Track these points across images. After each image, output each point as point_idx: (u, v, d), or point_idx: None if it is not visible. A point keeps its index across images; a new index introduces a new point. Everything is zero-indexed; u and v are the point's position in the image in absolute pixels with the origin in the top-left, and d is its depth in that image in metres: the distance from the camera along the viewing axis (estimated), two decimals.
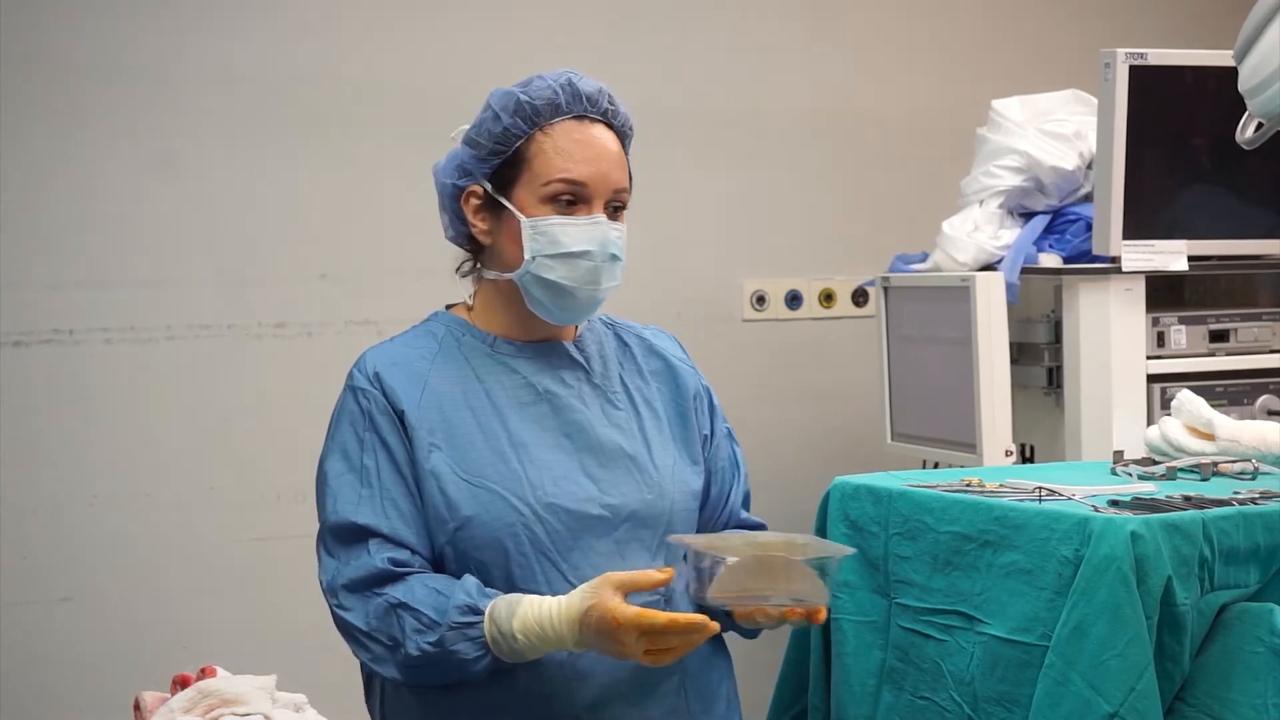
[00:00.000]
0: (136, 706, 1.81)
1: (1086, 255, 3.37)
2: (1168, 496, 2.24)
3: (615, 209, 2.20)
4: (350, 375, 2.23)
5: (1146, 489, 2.33)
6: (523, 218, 2.17)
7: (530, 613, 2.05)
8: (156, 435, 3.70)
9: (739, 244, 4.20)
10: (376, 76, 3.85)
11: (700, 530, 2.30)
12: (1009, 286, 3.30)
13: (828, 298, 4.27)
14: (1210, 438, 2.56)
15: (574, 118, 2.19)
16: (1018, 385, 3.34)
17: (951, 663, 2.26)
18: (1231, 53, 2.12)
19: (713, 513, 2.33)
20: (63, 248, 3.64)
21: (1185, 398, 2.64)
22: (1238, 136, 2.20)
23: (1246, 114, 2.16)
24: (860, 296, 4.27)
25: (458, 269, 2.31)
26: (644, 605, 2.04)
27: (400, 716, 2.21)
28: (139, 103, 3.68)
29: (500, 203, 2.19)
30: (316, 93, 3.80)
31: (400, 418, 2.16)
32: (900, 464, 3.30)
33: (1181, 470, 2.49)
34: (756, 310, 4.20)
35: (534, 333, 2.25)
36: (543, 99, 2.17)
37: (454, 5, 3.93)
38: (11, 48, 3.57)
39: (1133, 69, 3.21)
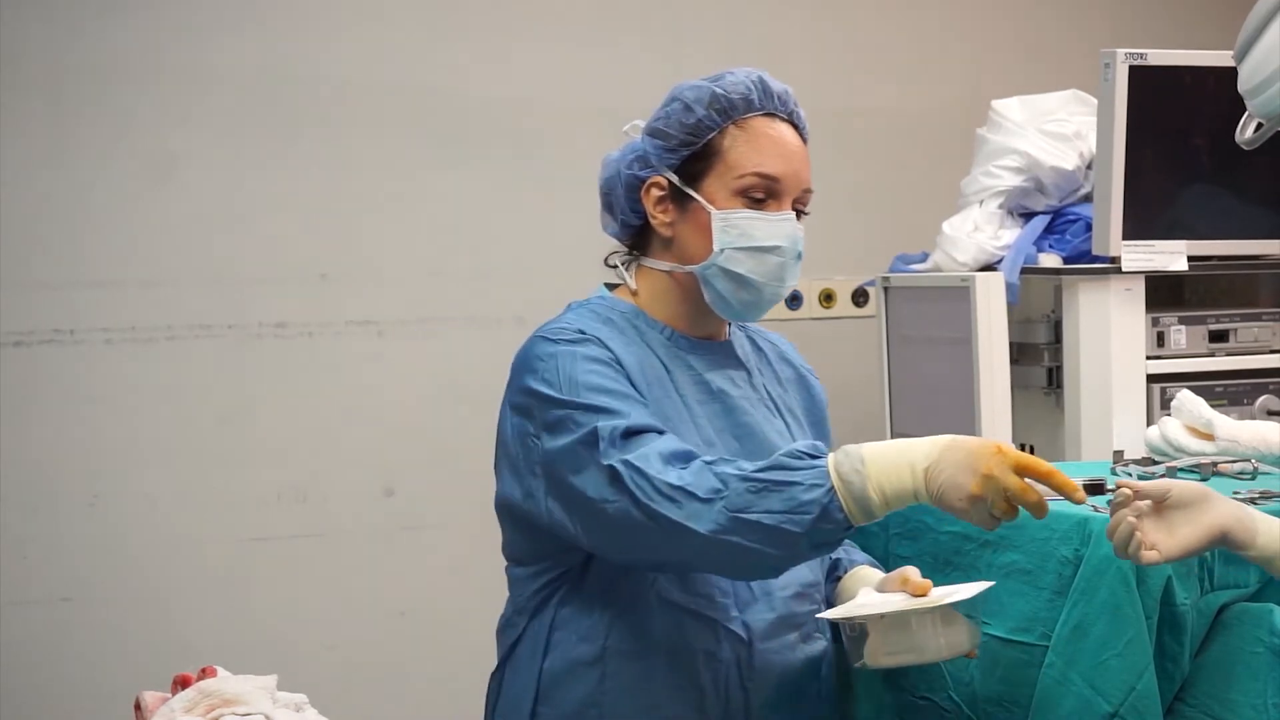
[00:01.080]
0: (137, 706, 1.81)
1: (1086, 255, 3.37)
2: None
3: (799, 210, 2.20)
4: (548, 332, 2.13)
5: None
6: (713, 210, 2.16)
7: (876, 444, 1.97)
8: (156, 435, 3.70)
9: None
10: (378, 77, 3.85)
11: None
12: (1009, 286, 3.31)
13: (828, 298, 4.27)
14: (1210, 438, 2.56)
15: (765, 114, 2.19)
16: (1018, 385, 3.34)
17: (951, 662, 2.26)
18: (1231, 53, 2.12)
19: None
20: (63, 248, 3.64)
21: (1185, 398, 2.64)
22: (1237, 137, 2.19)
23: (1246, 114, 2.16)
24: (860, 296, 4.27)
25: (607, 259, 2.27)
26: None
27: (566, 693, 2.14)
28: (140, 103, 3.68)
29: (687, 194, 2.18)
30: (317, 93, 3.81)
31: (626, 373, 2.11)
32: None
33: (1181, 470, 2.49)
34: None
35: (700, 329, 2.23)
36: (737, 93, 2.18)
37: (456, 5, 3.93)
38: (12, 48, 3.57)
39: (1133, 69, 3.21)
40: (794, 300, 4.24)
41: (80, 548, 3.64)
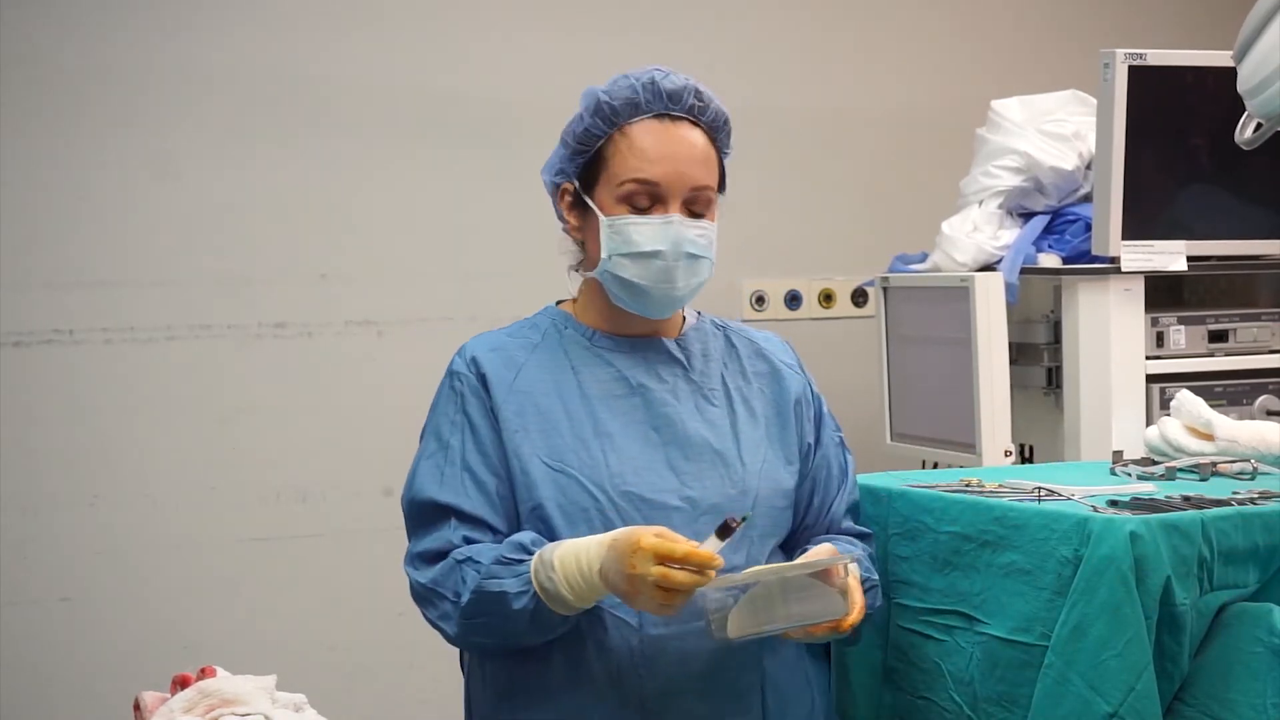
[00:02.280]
0: (136, 706, 1.81)
1: (1086, 255, 3.37)
2: (1167, 497, 2.24)
3: (693, 211, 2.21)
4: (451, 360, 2.27)
5: (1146, 489, 2.33)
6: (602, 216, 2.19)
7: (571, 544, 2.08)
8: (156, 435, 3.70)
9: (739, 244, 4.19)
10: (379, 77, 3.85)
11: (800, 538, 2.30)
12: (1008, 287, 3.31)
13: (827, 298, 4.27)
14: (1209, 438, 2.56)
15: (654, 116, 2.20)
16: (1017, 385, 3.34)
17: (951, 663, 2.26)
18: (1231, 53, 2.12)
19: (815, 520, 2.32)
20: (63, 248, 3.64)
21: (1184, 398, 2.64)
22: (1237, 137, 2.19)
23: (1245, 114, 2.16)
24: (860, 297, 4.27)
25: (574, 264, 2.32)
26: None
27: (481, 696, 2.25)
28: (139, 103, 3.68)
29: (586, 201, 2.22)
30: (317, 93, 3.81)
31: (490, 400, 2.20)
32: (900, 464, 3.30)
33: (1181, 470, 2.49)
34: (756, 310, 4.20)
35: (631, 327, 2.27)
36: (621, 98, 2.20)
37: (457, 5, 3.93)
38: (11, 49, 3.57)
39: (1132, 69, 3.21)
40: (794, 300, 4.24)
41: (80, 548, 3.64)
